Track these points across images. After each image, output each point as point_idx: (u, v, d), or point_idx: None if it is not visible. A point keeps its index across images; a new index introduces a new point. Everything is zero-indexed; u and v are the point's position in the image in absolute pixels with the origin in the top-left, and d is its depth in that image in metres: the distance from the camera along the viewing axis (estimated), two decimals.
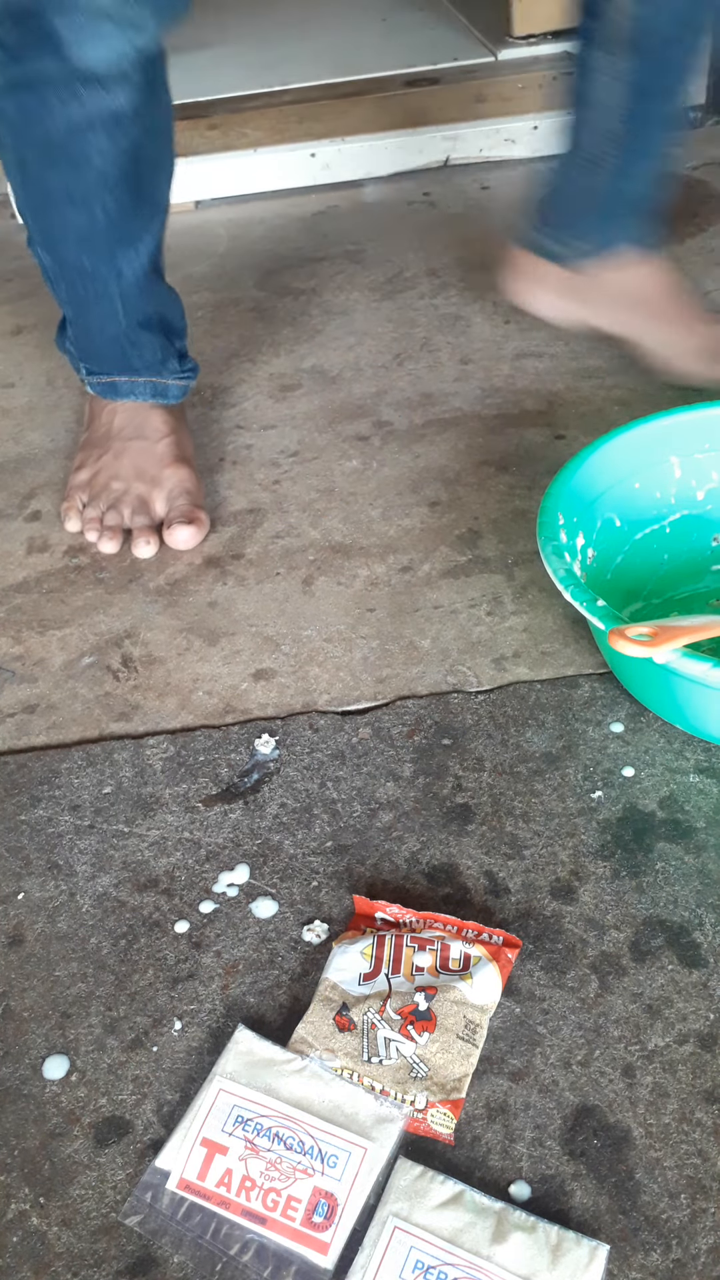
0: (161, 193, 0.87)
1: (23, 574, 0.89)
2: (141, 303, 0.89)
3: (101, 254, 0.84)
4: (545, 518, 0.71)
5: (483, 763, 0.70)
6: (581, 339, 1.11)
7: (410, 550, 0.88)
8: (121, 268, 0.86)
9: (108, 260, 0.85)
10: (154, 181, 0.85)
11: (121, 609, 0.85)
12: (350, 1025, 0.56)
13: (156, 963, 0.61)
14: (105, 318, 0.88)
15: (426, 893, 0.63)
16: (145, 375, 0.93)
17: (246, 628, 0.82)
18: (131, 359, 0.91)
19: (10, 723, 0.76)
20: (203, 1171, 0.51)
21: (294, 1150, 0.51)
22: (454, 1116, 0.53)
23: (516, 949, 0.59)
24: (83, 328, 0.91)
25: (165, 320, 0.93)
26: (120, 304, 0.88)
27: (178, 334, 0.95)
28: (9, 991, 0.60)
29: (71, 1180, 0.53)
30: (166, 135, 0.85)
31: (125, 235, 0.84)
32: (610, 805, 0.66)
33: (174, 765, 0.72)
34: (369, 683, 0.77)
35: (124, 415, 0.93)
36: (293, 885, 0.64)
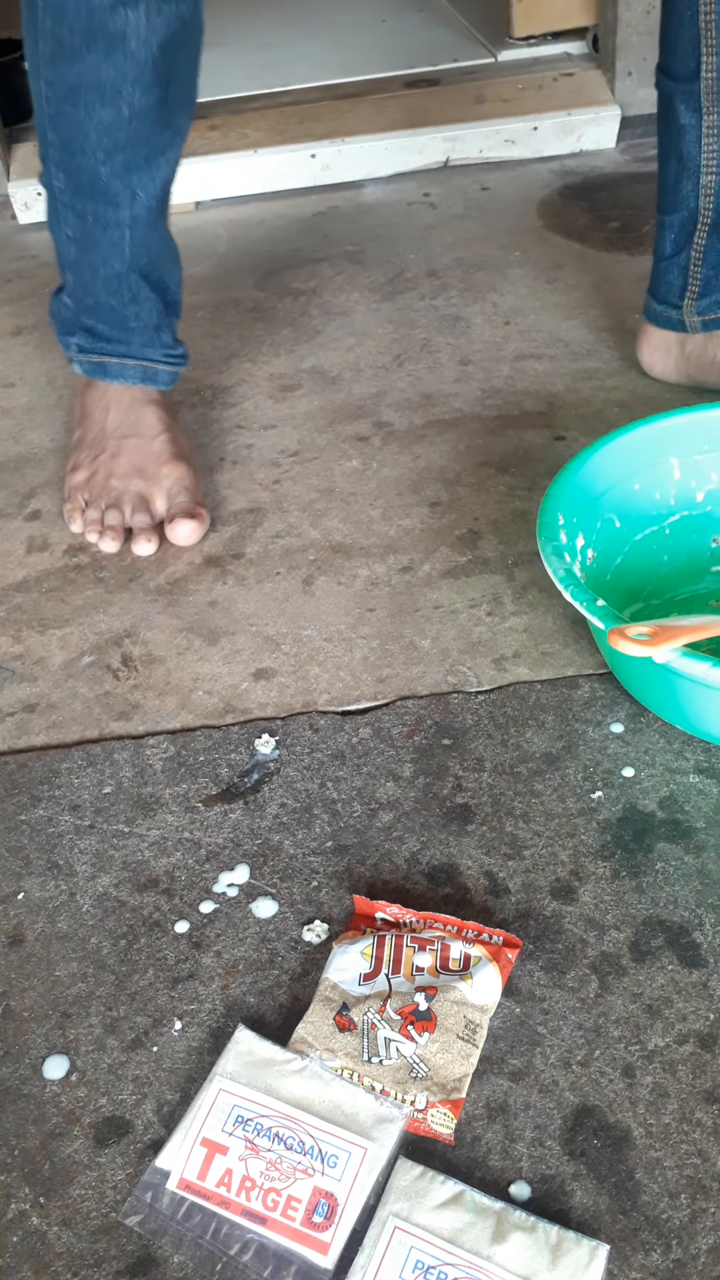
0: (185, 107, 0.86)
1: (22, 573, 0.89)
2: (148, 241, 0.88)
3: (119, 165, 0.83)
4: (545, 518, 0.71)
5: (483, 763, 0.70)
6: (581, 341, 1.11)
7: (410, 550, 0.88)
8: (136, 189, 0.85)
9: (124, 176, 0.84)
10: (182, 86, 0.84)
11: (121, 608, 0.85)
12: (350, 1025, 0.56)
13: (157, 963, 0.61)
14: (111, 250, 0.87)
15: (426, 893, 0.63)
16: (136, 349, 0.92)
17: (247, 627, 0.82)
18: (128, 314, 0.90)
19: (10, 722, 0.76)
20: (203, 1171, 0.51)
21: (294, 1150, 0.51)
22: (454, 1116, 0.53)
23: (516, 949, 0.59)
24: (86, 265, 0.89)
25: (164, 283, 0.92)
26: (129, 234, 0.87)
27: (173, 307, 0.94)
28: (9, 991, 0.60)
29: (71, 1180, 0.53)
30: (197, 33, 0.84)
31: (147, 147, 0.83)
32: (610, 805, 0.66)
33: (174, 765, 0.72)
34: (369, 683, 0.77)
35: (117, 412, 0.93)
36: (293, 885, 0.64)
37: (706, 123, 0.86)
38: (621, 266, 1.24)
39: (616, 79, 1.49)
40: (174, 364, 0.94)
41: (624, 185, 1.42)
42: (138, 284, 0.89)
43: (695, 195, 0.90)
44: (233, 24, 1.87)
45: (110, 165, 0.83)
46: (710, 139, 0.87)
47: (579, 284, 1.22)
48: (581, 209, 1.37)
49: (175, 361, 0.94)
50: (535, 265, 1.26)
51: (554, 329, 1.14)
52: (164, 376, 0.94)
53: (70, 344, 0.93)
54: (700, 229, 0.92)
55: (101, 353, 0.92)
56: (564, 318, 1.16)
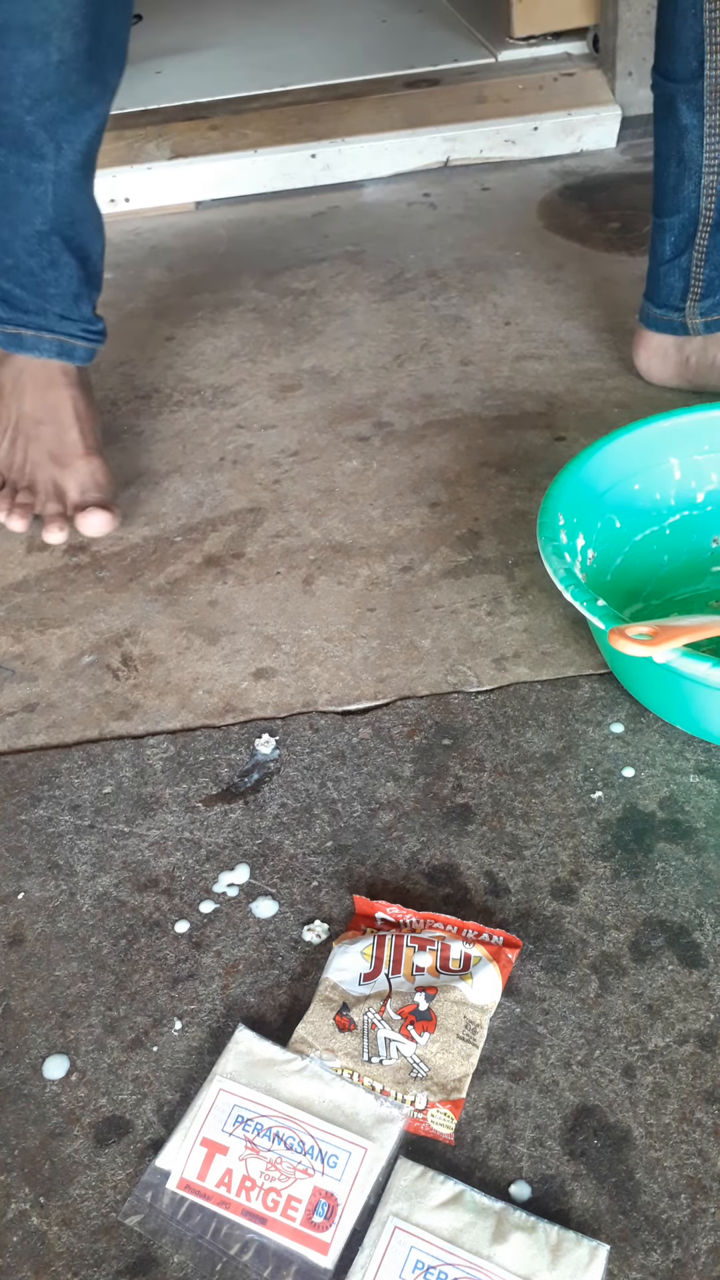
0: (115, 64, 0.84)
1: (22, 573, 0.89)
2: (72, 201, 0.87)
3: (45, 115, 0.82)
4: (545, 518, 0.71)
5: (483, 763, 0.70)
6: (581, 341, 1.11)
7: (411, 550, 0.88)
8: (62, 142, 0.83)
9: (49, 126, 0.82)
10: (112, 38, 0.82)
11: (121, 608, 0.85)
12: (350, 1025, 0.56)
13: (157, 963, 0.61)
14: (33, 206, 0.85)
15: (427, 893, 0.63)
16: (53, 321, 0.91)
17: (247, 627, 0.82)
18: (47, 279, 0.90)
19: (10, 722, 0.76)
20: (203, 1171, 0.51)
21: (294, 1150, 0.51)
22: (454, 1116, 0.53)
23: (517, 949, 0.59)
24: (6, 223, 0.87)
25: (86, 251, 0.91)
26: (52, 189, 0.85)
27: (94, 279, 0.93)
28: (9, 991, 0.60)
29: (71, 1180, 0.53)
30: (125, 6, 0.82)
31: (74, 98, 0.82)
32: (610, 805, 0.66)
33: (174, 765, 0.72)
34: (369, 682, 0.77)
35: (34, 394, 0.91)
36: (293, 885, 0.64)
37: (709, 122, 0.86)
38: (622, 267, 1.24)
39: (617, 79, 1.49)
40: (91, 340, 0.93)
41: (624, 185, 1.42)
42: (59, 247, 0.88)
43: (697, 196, 0.90)
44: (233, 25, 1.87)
45: (36, 114, 0.81)
46: (713, 139, 0.87)
47: (579, 284, 1.22)
48: (582, 209, 1.37)
49: (93, 338, 0.93)
50: (536, 265, 1.26)
51: (554, 329, 1.14)
52: (81, 353, 0.93)
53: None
54: (702, 230, 0.92)
55: (18, 324, 0.91)
56: (564, 318, 1.16)
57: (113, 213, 1.47)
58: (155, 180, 1.46)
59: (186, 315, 1.25)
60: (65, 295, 0.91)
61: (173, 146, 1.48)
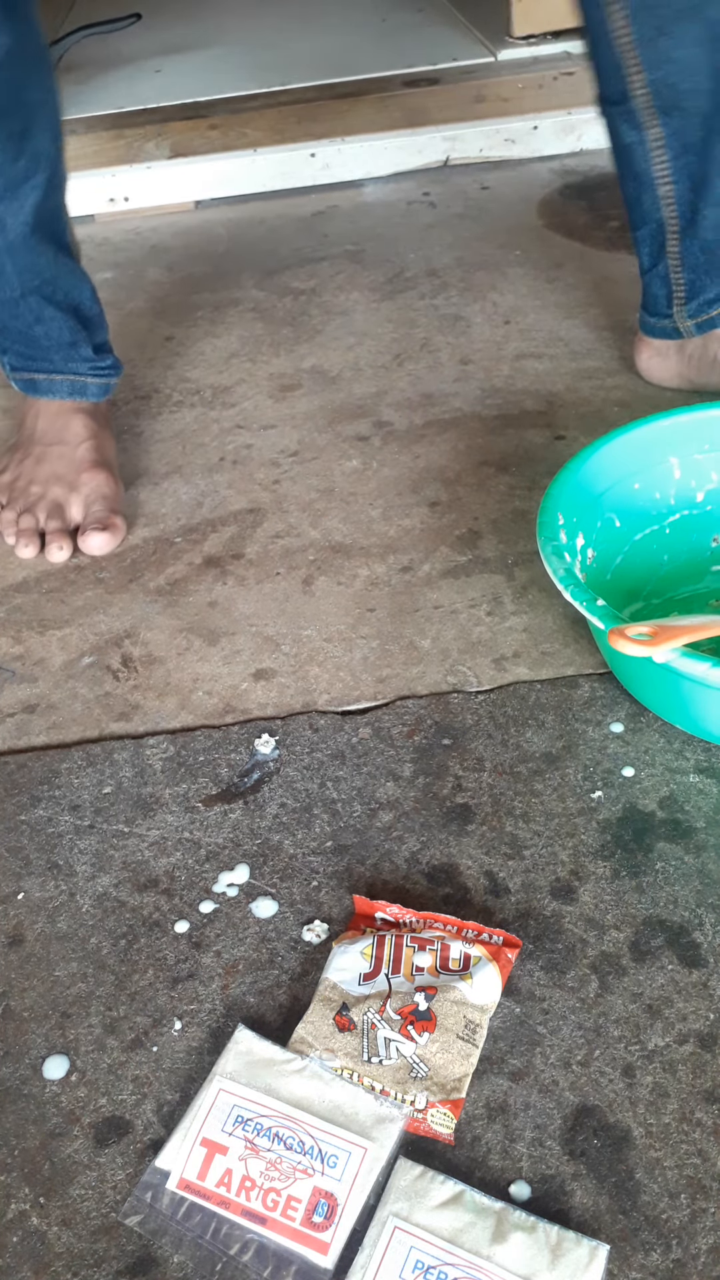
0: (45, 132, 0.84)
1: (23, 574, 0.89)
2: (33, 264, 0.87)
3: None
4: (545, 518, 0.71)
5: (483, 763, 0.70)
6: (581, 340, 1.11)
7: (410, 550, 0.88)
8: (5, 219, 0.84)
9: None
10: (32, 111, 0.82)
11: (121, 609, 0.85)
12: (350, 1025, 0.56)
13: (156, 963, 0.61)
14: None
15: (426, 893, 0.63)
16: (59, 364, 0.92)
17: (246, 627, 0.82)
18: (36, 334, 0.90)
19: (10, 722, 0.76)
20: (203, 1171, 0.51)
21: (294, 1150, 0.51)
22: (454, 1116, 0.53)
23: (516, 949, 0.59)
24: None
25: (73, 301, 0.92)
26: (9, 262, 0.86)
27: (91, 322, 0.94)
28: (9, 991, 0.60)
29: (71, 1180, 0.53)
30: (34, 58, 0.81)
31: (3, 179, 0.82)
32: (610, 805, 0.66)
33: (174, 765, 0.72)
34: (369, 683, 0.77)
35: (46, 419, 0.94)
36: (293, 885, 0.64)
37: (649, 137, 0.87)
38: (621, 265, 1.24)
39: None
40: (102, 375, 0.95)
41: None
42: (39, 305, 0.89)
43: (657, 207, 0.91)
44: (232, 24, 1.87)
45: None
46: (656, 151, 0.88)
47: (579, 283, 1.22)
48: (581, 208, 1.37)
49: (104, 373, 0.95)
50: (535, 264, 1.26)
51: (554, 328, 1.14)
52: (93, 389, 0.94)
53: (4, 363, 0.94)
54: (670, 238, 0.92)
55: (30, 370, 0.93)
56: (564, 317, 1.16)
57: (112, 211, 1.47)
58: (155, 179, 1.46)
59: (186, 315, 1.25)
60: (60, 345, 0.92)
61: (172, 145, 1.48)
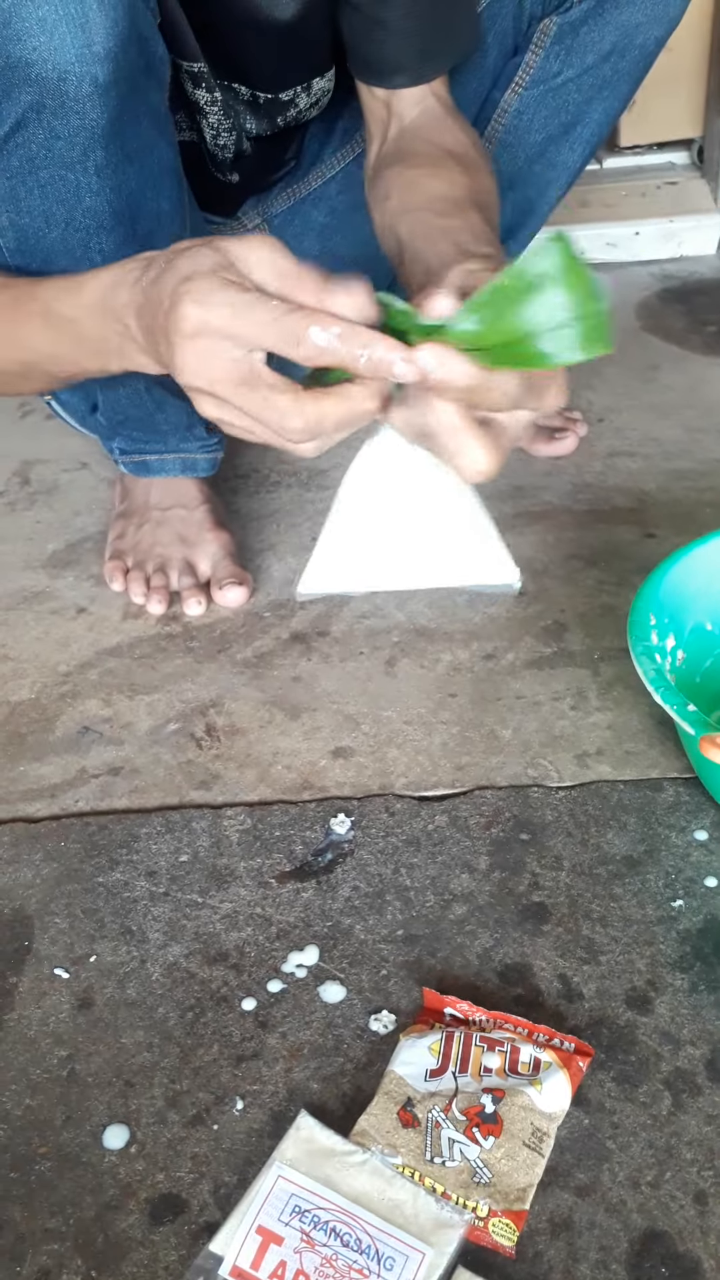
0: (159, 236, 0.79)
1: (117, 639, 0.92)
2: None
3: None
4: (636, 617, 0.71)
5: (561, 861, 0.69)
6: (675, 441, 1.12)
7: (495, 638, 0.88)
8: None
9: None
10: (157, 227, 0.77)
11: (209, 678, 0.87)
12: (414, 1122, 0.55)
13: (222, 1039, 0.61)
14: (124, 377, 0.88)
15: (497, 991, 0.62)
16: (173, 445, 0.95)
17: (328, 704, 0.83)
18: (157, 420, 0.93)
19: (94, 784, 0.78)
20: (256, 1260, 0.50)
21: (350, 1248, 0.50)
22: (516, 1228, 0.51)
23: (588, 1058, 0.57)
24: (107, 384, 0.91)
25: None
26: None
27: None
28: (75, 1055, 0.61)
29: (124, 1256, 0.52)
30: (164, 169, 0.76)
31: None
32: (691, 915, 0.65)
33: (250, 838, 0.73)
34: (447, 769, 0.77)
35: (160, 487, 0.98)
36: (361, 972, 0.64)
37: None
38: (718, 369, 1.25)
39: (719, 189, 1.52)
40: (211, 451, 0.98)
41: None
42: (160, 395, 0.92)
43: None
44: None
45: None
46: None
47: (674, 385, 1.23)
48: (680, 312, 1.39)
49: (213, 449, 0.98)
50: (631, 365, 1.28)
51: (648, 428, 1.15)
52: (203, 465, 0.98)
53: (113, 448, 0.98)
54: None
55: (141, 452, 0.96)
56: (658, 417, 1.17)
57: None
58: None
59: None
60: (178, 428, 0.95)
61: None
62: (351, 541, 0.51)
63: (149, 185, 0.75)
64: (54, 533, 1.06)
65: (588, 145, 0.94)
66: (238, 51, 0.82)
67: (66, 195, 0.71)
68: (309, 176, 1.00)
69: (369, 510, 0.52)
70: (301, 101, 0.89)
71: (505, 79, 0.90)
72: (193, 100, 0.85)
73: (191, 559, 0.95)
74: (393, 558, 0.54)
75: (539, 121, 0.91)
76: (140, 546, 0.96)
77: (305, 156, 0.99)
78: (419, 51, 0.77)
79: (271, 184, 1.00)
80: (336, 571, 0.51)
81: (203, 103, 0.85)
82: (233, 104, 0.86)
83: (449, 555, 0.54)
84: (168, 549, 0.95)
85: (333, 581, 0.51)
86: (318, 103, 0.91)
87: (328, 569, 0.51)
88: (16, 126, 0.66)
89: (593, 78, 0.88)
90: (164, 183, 0.77)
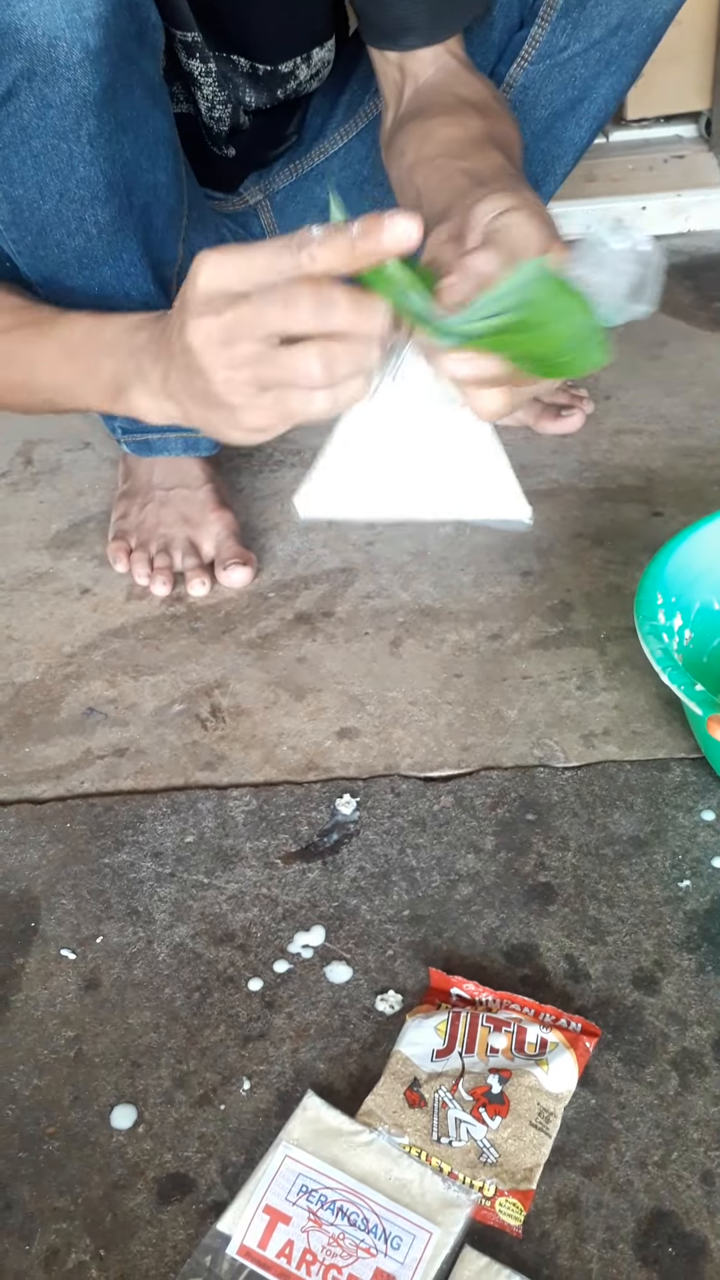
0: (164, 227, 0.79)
1: (121, 620, 0.91)
2: None
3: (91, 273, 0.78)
4: (644, 597, 0.70)
5: (567, 841, 0.69)
6: (682, 418, 1.11)
7: (500, 618, 0.88)
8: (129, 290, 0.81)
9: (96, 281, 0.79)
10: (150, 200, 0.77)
11: (213, 659, 0.86)
12: (421, 1102, 0.55)
13: (228, 1019, 0.61)
14: None
15: (504, 971, 0.62)
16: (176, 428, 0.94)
17: (333, 685, 0.83)
18: None
19: (100, 765, 0.78)
20: (264, 1240, 0.51)
21: (358, 1227, 0.50)
22: (523, 1208, 0.51)
23: (595, 1038, 0.57)
24: None
25: None
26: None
27: None
28: (82, 1035, 0.61)
29: (132, 1235, 0.52)
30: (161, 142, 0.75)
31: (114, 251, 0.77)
32: (698, 896, 0.65)
33: (255, 819, 0.72)
34: (453, 750, 0.76)
35: (163, 466, 0.97)
36: (368, 952, 0.64)
37: None
38: None
39: None
40: None
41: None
42: None
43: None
44: None
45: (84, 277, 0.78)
46: None
47: (682, 361, 1.22)
48: (687, 288, 1.38)
49: None
50: (638, 341, 1.26)
51: (655, 405, 1.14)
52: (206, 444, 0.97)
53: (115, 427, 0.97)
54: None
55: (144, 431, 0.95)
56: (665, 394, 1.16)
57: None
58: None
59: None
60: None
61: None
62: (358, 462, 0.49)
63: (144, 155, 0.74)
64: (57, 513, 1.05)
65: (595, 121, 0.92)
66: (234, 21, 0.80)
67: (60, 165, 0.70)
68: (311, 152, 0.99)
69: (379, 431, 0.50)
70: (301, 73, 0.88)
71: (511, 53, 0.88)
72: (187, 71, 0.83)
73: (195, 539, 0.95)
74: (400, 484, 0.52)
75: (545, 97, 0.90)
76: (144, 527, 0.96)
77: (307, 132, 0.98)
78: (429, 11, 0.75)
79: (273, 160, 0.98)
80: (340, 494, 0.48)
81: (197, 73, 0.83)
82: (231, 76, 0.85)
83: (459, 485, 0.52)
84: (171, 529, 0.95)
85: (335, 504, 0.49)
86: (318, 74, 0.90)
87: (330, 490, 0.49)
88: (7, 95, 0.65)
89: (600, 52, 0.87)
90: (160, 153, 0.76)
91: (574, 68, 0.88)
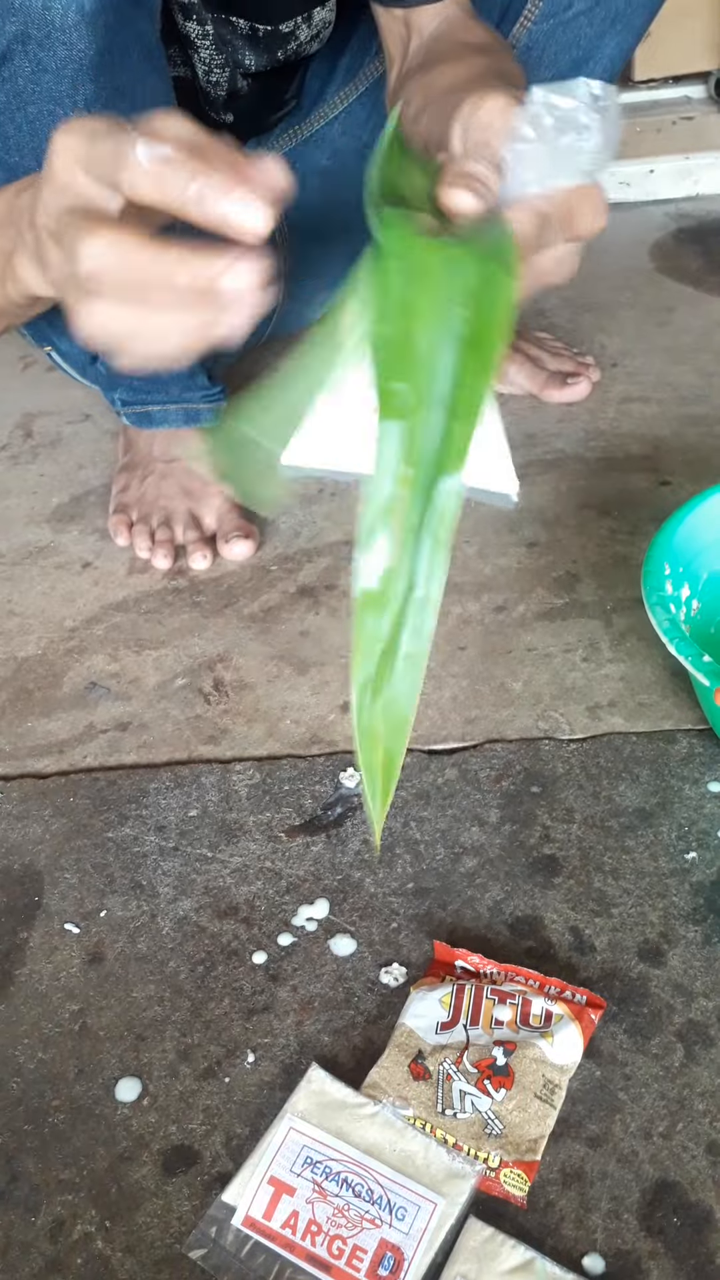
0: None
1: (123, 594, 0.91)
2: None
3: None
4: (651, 567, 0.69)
5: (572, 814, 0.68)
6: (690, 386, 1.09)
7: (505, 590, 0.87)
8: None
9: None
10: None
11: (216, 633, 0.86)
12: (425, 1074, 0.55)
13: (233, 992, 0.61)
14: None
15: (509, 944, 0.62)
16: (175, 395, 0.94)
17: (336, 658, 0.82)
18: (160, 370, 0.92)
19: (103, 739, 0.77)
20: (269, 1210, 0.51)
21: (362, 1198, 0.50)
22: (528, 1179, 0.51)
23: (600, 1010, 0.57)
24: None
25: None
26: None
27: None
28: (87, 1009, 0.61)
29: (138, 1206, 0.52)
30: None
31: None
32: (704, 868, 0.64)
33: (259, 793, 0.72)
34: (457, 723, 0.76)
35: (163, 438, 0.96)
36: (372, 925, 0.63)
37: None
38: None
39: None
40: (214, 401, 0.96)
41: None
42: None
43: None
44: None
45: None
46: None
47: (690, 328, 1.20)
48: (696, 252, 1.36)
49: (215, 398, 0.96)
50: (646, 307, 1.25)
51: (662, 372, 1.12)
52: (206, 415, 0.96)
53: (114, 399, 0.96)
54: None
55: (144, 403, 0.95)
56: (673, 361, 1.14)
57: None
58: None
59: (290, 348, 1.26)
60: (179, 377, 0.93)
61: None
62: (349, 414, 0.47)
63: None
64: (58, 486, 1.04)
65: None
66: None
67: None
68: (311, 117, 0.97)
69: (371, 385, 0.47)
70: (302, 33, 0.86)
71: (514, 13, 0.86)
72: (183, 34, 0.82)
73: (196, 512, 0.94)
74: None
75: (549, 57, 0.88)
76: (144, 500, 0.95)
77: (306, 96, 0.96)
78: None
79: (272, 125, 0.97)
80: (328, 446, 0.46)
81: (194, 36, 0.82)
82: (229, 38, 0.83)
83: None
84: (172, 502, 0.94)
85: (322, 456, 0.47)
86: (319, 35, 0.88)
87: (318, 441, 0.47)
88: (2, 59, 0.64)
89: (605, 10, 0.85)
90: None
91: (579, 26, 0.86)
